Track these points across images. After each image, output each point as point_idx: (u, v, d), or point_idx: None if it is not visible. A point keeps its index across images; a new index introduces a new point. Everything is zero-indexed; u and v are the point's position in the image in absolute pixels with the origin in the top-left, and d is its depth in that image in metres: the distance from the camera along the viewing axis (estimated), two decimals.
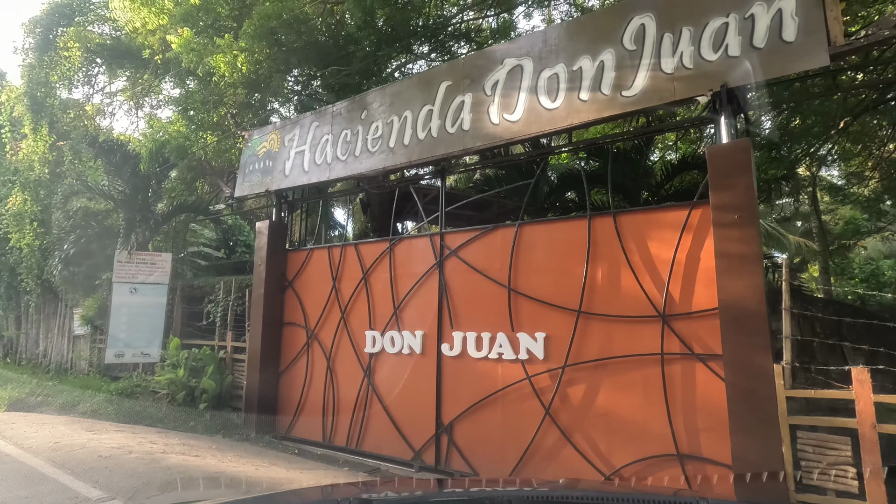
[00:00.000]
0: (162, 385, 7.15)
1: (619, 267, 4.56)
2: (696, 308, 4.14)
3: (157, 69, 7.93)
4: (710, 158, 3.98)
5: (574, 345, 4.66)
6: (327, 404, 6.35)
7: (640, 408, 4.27)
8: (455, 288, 5.56)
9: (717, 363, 3.95)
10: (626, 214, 4.65)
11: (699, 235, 4.20)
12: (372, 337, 6.05)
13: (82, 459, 4.22)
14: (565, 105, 4.72)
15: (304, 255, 7.06)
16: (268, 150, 7.55)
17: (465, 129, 5.37)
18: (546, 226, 5.15)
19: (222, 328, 7.97)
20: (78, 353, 10.57)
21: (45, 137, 8.17)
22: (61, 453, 4.40)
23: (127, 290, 8.49)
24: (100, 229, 9.75)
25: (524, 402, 4.89)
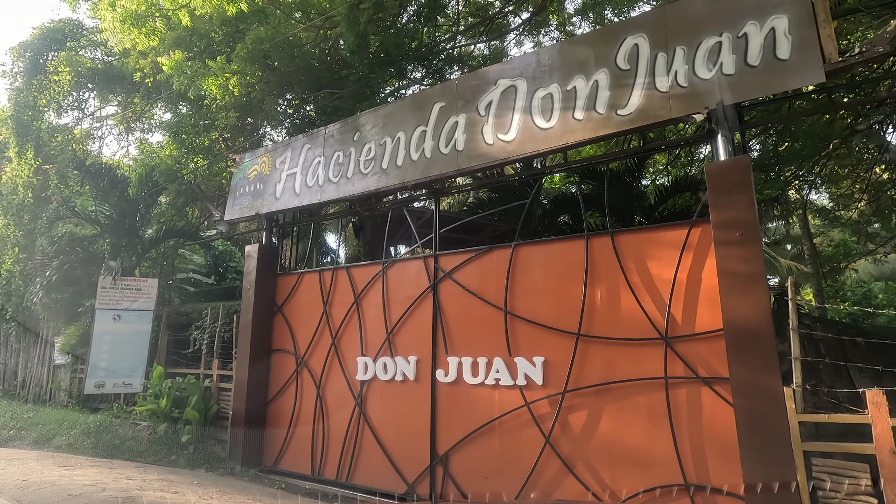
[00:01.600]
0: (143, 416, 6.82)
1: (619, 288, 4.45)
2: (699, 329, 4.02)
3: (149, 93, 7.87)
4: (710, 176, 3.92)
5: (574, 369, 4.49)
6: (317, 435, 6.06)
7: (644, 435, 4.09)
8: (450, 311, 5.40)
9: (724, 387, 3.80)
10: (624, 234, 4.56)
11: (700, 254, 4.11)
12: (364, 363, 5.84)
13: (51, 498, 3.91)
14: (560, 124, 4.68)
15: (294, 280, 6.88)
16: (259, 172, 7.45)
17: (459, 149, 5.31)
18: (543, 246, 5.04)
19: (208, 356, 7.68)
20: (58, 384, 10.15)
21: (31, 161, 8.01)
22: (29, 492, 4.09)
23: (110, 317, 8.20)
24: (85, 255, 9.51)
25: (523, 431, 4.68)
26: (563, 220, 10.10)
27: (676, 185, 8.50)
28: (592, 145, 6.34)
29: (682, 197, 9.65)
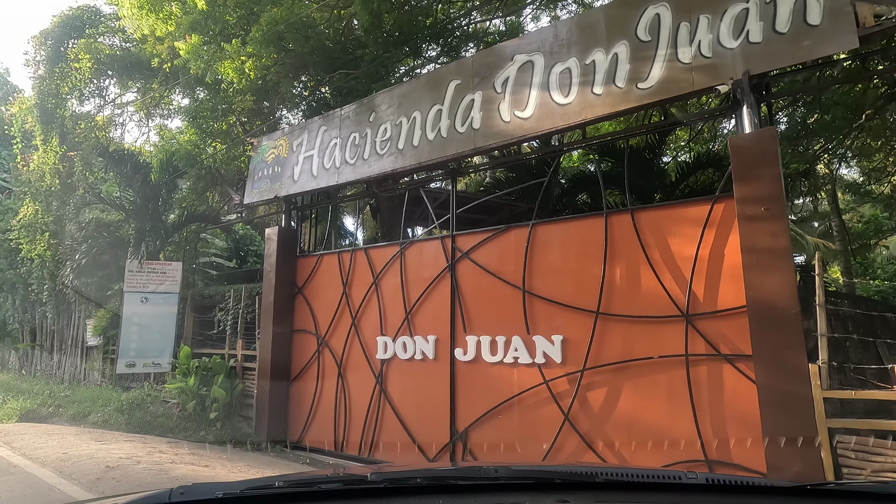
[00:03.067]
0: (172, 394, 7.07)
1: (639, 266, 4.39)
2: (721, 307, 3.96)
3: (167, 78, 7.94)
4: (734, 149, 3.81)
5: (593, 347, 4.49)
6: (339, 412, 6.21)
7: (665, 412, 4.08)
8: (468, 291, 5.41)
9: (747, 364, 3.75)
10: (644, 211, 4.49)
11: (723, 230, 4.03)
12: (383, 343, 5.92)
13: (90, 470, 4.12)
14: (578, 100, 4.58)
15: (313, 261, 6.97)
16: (276, 155, 7.51)
17: (476, 127, 5.25)
18: (561, 225, 5.00)
19: (232, 336, 7.89)
20: (91, 364, 10.56)
21: (56, 148, 8.21)
22: (69, 464, 4.31)
23: (138, 300, 8.46)
24: (112, 240, 9.76)
25: (542, 408, 4.72)
26: (581, 199, 9.96)
27: (698, 162, 8.28)
28: (611, 121, 6.22)
29: (704, 174, 9.41)
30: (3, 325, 14.76)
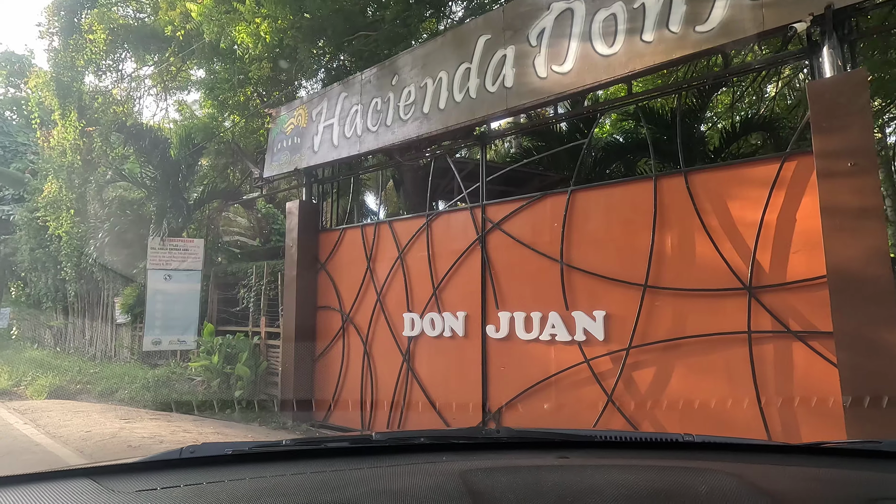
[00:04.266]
0: (197, 372, 7.00)
1: (693, 233, 3.96)
2: (791, 278, 3.51)
3: (181, 48, 7.66)
4: (814, 96, 3.30)
5: (640, 323, 4.10)
6: (365, 391, 6.00)
7: (723, 395, 3.69)
8: (499, 264, 5.06)
9: (822, 342, 3.32)
10: (700, 173, 4.03)
11: (794, 191, 3.55)
12: (410, 319, 5.64)
13: (111, 450, 4.00)
14: (625, 49, 4.09)
15: (336, 236, 6.69)
16: (295, 126, 7.19)
17: (508, 86, 4.81)
18: (603, 191, 4.56)
19: (255, 314, 7.75)
20: (120, 342, 10.67)
21: (75, 123, 8.08)
22: (91, 443, 4.21)
23: (161, 277, 8.38)
24: (134, 218, 9.71)
25: (582, 388, 4.38)
26: (614, 169, 9.44)
27: (746, 125, 7.65)
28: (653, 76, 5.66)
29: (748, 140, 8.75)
30: (38, 303, 15.14)
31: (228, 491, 1.00)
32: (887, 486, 0.99)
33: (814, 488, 1.01)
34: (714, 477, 1.03)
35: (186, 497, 0.97)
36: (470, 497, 0.89)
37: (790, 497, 0.92)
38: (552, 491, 0.97)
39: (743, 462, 1.21)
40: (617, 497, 0.94)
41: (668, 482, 1.05)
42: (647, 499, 0.95)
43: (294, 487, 1.02)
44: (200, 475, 1.09)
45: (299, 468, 1.15)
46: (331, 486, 1.02)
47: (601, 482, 1.05)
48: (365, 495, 0.93)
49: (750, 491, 0.94)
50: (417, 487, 0.97)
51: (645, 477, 1.10)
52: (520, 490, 0.97)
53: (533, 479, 1.08)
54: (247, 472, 1.13)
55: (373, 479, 1.06)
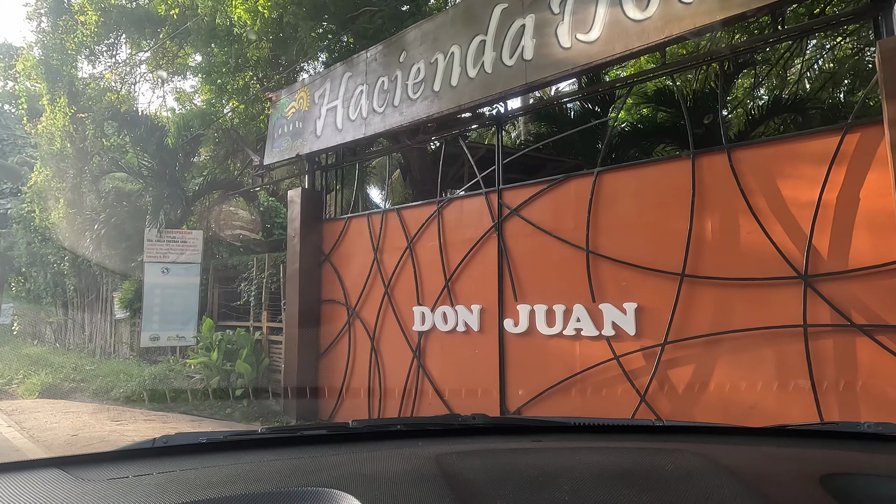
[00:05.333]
0: (195, 369, 6.67)
1: (738, 217, 3.56)
2: (854, 265, 3.12)
3: (176, 29, 7.27)
4: (886, 56, 2.89)
5: (676, 317, 3.72)
6: (373, 389, 5.66)
7: (774, 395, 3.32)
8: (518, 254, 4.68)
9: (893, 337, 2.93)
10: (745, 149, 3.64)
11: (858, 167, 3.15)
12: (421, 313, 5.27)
13: None
14: (661, 12, 3.68)
15: (341, 226, 6.33)
16: (297, 110, 6.81)
17: (528, 58, 4.40)
18: (634, 171, 4.17)
19: (257, 308, 7.41)
20: (119, 337, 10.37)
21: (65, 109, 7.72)
22: (77, 448, 3.88)
23: (159, 270, 8.05)
24: (132, 209, 9.36)
25: (611, 387, 4.01)
26: (631, 156, 9.03)
27: (776, 106, 7.21)
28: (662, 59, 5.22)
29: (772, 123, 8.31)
30: (38, 298, 14.88)
31: (202, 477, 1.00)
32: (838, 461, 1.06)
33: (772, 464, 1.05)
34: (680, 456, 1.07)
35: (159, 484, 0.96)
36: (444, 479, 0.90)
37: (748, 472, 0.95)
38: (525, 471, 0.98)
39: (709, 443, 1.27)
40: (587, 476, 0.97)
41: (637, 462, 1.09)
42: (615, 477, 0.96)
43: (269, 473, 1.01)
44: (174, 464, 1.08)
45: (275, 455, 1.15)
46: (306, 470, 1.02)
47: (573, 463, 1.08)
48: (340, 479, 0.92)
49: (712, 468, 0.98)
50: (393, 471, 0.98)
51: (615, 458, 1.13)
52: (493, 471, 0.99)
53: (506, 460, 1.09)
54: (221, 459, 1.12)
55: (349, 463, 1.06)
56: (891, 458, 1.09)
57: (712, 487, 0.87)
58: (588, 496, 0.85)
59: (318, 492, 0.84)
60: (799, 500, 0.83)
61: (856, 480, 0.90)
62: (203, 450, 1.17)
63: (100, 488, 0.93)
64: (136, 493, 0.91)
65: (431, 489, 0.86)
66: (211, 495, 0.86)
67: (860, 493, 0.85)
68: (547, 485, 0.89)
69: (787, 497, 0.84)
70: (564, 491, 0.86)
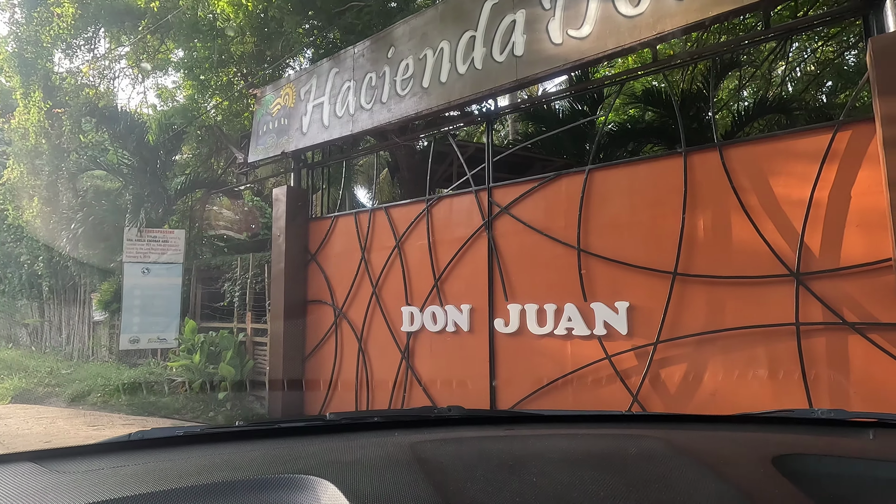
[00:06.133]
0: (177, 372, 6.48)
1: (730, 215, 3.55)
2: (846, 263, 3.12)
3: (157, 22, 7.06)
4: (879, 53, 2.88)
5: (669, 315, 3.69)
6: (360, 391, 5.55)
7: (767, 394, 3.30)
8: (508, 253, 4.62)
9: (885, 335, 2.94)
10: (737, 146, 3.62)
11: (849, 165, 3.15)
12: (409, 313, 5.18)
13: None
14: (652, 8, 3.65)
15: (327, 224, 6.20)
16: (282, 106, 6.67)
17: (518, 54, 4.34)
18: (625, 169, 4.13)
19: (241, 309, 7.24)
20: (97, 340, 10.07)
21: (40, 104, 7.45)
22: None
23: (139, 271, 7.82)
24: (111, 208, 9.09)
25: (603, 387, 3.97)
26: (619, 156, 9.05)
27: (762, 108, 7.26)
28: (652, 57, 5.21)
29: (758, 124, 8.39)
30: (12, 300, 14.42)
31: (178, 467, 1.00)
32: (790, 443, 1.13)
33: (729, 447, 1.11)
34: (645, 441, 1.13)
35: (136, 474, 0.96)
36: (418, 464, 0.92)
37: (707, 454, 1.00)
38: (496, 456, 1.02)
39: (674, 430, 1.32)
40: (555, 460, 1.00)
41: (603, 446, 1.14)
42: (582, 460, 1.00)
43: (246, 462, 1.02)
44: (151, 456, 1.08)
45: (253, 447, 1.15)
46: (283, 459, 1.03)
47: (542, 448, 1.12)
48: (317, 466, 0.93)
49: (674, 451, 1.02)
50: (368, 458, 1.00)
51: (583, 443, 1.18)
52: (466, 457, 1.02)
53: (479, 447, 1.12)
54: (198, 451, 1.13)
55: (326, 452, 1.08)
56: (837, 440, 1.18)
57: (672, 468, 0.92)
58: (555, 477, 0.89)
59: (295, 479, 0.85)
60: (751, 479, 0.87)
61: (804, 459, 0.96)
62: (180, 442, 1.18)
63: (74, 479, 0.93)
64: (111, 483, 0.90)
65: (405, 474, 0.88)
66: (187, 483, 0.85)
67: (807, 470, 0.91)
68: (517, 468, 0.92)
69: (741, 475, 0.88)
70: (533, 473, 0.90)
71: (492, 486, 0.83)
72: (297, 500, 0.80)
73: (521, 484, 0.84)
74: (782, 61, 9.26)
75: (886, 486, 0.89)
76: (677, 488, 0.81)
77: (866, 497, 0.88)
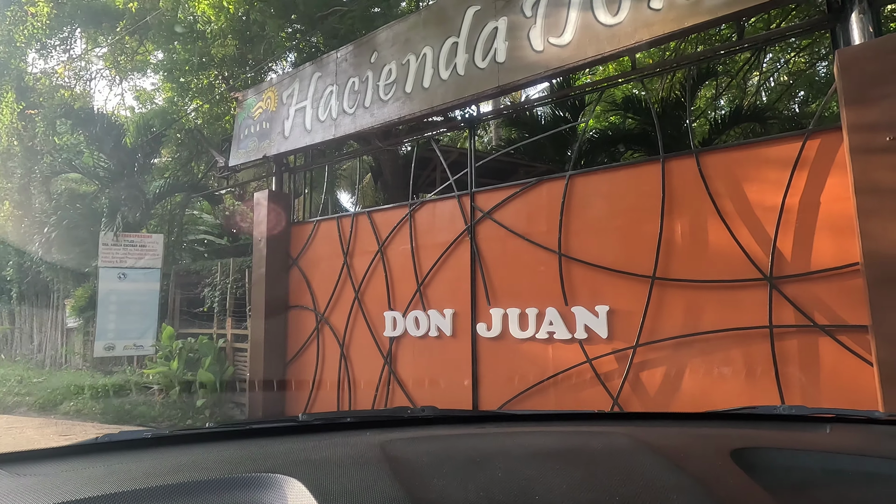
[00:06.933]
0: (154, 379, 6.34)
1: (706, 220, 3.63)
2: (816, 266, 3.21)
3: (135, 23, 6.95)
4: (845, 65, 2.99)
5: (648, 319, 3.75)
6: (342, 397, 5.50)
7: (742, 395, 3.37)
8: (491, 257, 4.64)
9: (853, 336, 3.03)
10: (713, 153, 3.71)
11: (818, 172, 3.25)
12: (392, 318, 5.17)
13: None
14: (631, 18, 3.73)
15: (309, 229, 6.16)
16: (264, 110, 6.61)
17: (500, 61, 4.39)
18: (606, 175, 4.20)
19: (221, 314, 7.12)
20: (71, 347, 9.80)
21: (12, 105, 7.26)
22: None
23: (115, 276, 7.64)
24: (86, 212, 8.88)
25: (584, 391, 4.01)
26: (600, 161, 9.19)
27: (737, 116, 7.46)
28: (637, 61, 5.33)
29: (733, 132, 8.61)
30: None
31: (146, 468, 0.98)
32: (750, 438, 1.15)
33: (690, 442, 1.13)
34: (610, 437, 1.16)
35: (100, 476, 0.93)
36: (386, 462, 0.93)
37: (668, 449, 1.02)
38: (464, 453, 1.03)
39: (640, 426, 1.34)
40: (521, 455, 1.02)
41: (570, 443, 1.16)
42: (548, 456, 1.02)
43: (215, 462, 1.01)
44: (118, 458, 1.06)
45: (223, 447, 1.14)
46: (253, 458, 1.03)
47: (510, 445, 1.14)
48: (286, 465, 0.93)
49: (638, 446, 1.04)
50: (338, 456, 1.00)
51: (549, 440, 1.20)
52: (434, 454, 1.03)
53: (448, 444, 1.13)
54: (167, 453, 1.11)
55: (296, 451, 1.07)
56: (796, 434, 1.22)
57: (634, 462, 0.95)
58: (521, 472, 0.91)
59: (263, 477, 0.85)
60: (709, 471, 0.90)
61: (761, 452, 0.99)
62: (148, 444, 1.16)
63: (36, 482, 0.91)
64: (74, 485, 0.88)
65: (373, 471, 0.89)
66: (153, 484, 0.84)
67: (763, 462, 0.95)
68: (484, 464, 0.94)
69: (699, 468, 0.90)
70: (499, 469, 0.91)
71: (457, 481, 0.84)
72: (265, 498, 0.80)
73: (487, 479, 0.86)
74: (756, 71, 9.55)
75: (837, 477, 0.92)
76: (637, 480, 0.84)
77: (818, 487, 0.91)
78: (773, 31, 4.47)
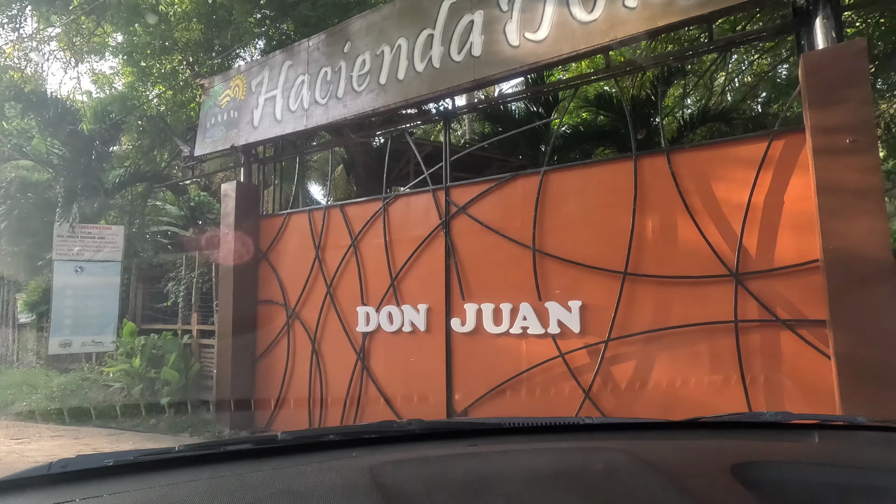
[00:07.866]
0: (115, 377, 6.07)
1: (676, 217, 3.71)
2: (779, 263, 3.33)
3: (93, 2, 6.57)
4: (809, 69, 3.09)
5: (619, 314, 3.81)
6: (314, 393, 5.41)
7: (708, 388, 3.47)
8: (465, 252, 4.63)
9: (813, 331, 3.15)
10: (683, 152, 3.78)
11: (783, 171, 3.36)
12: (365, 313, 5.10)
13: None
14: (606, 15, 3.75)
15: (279, 222, 6.00)
16: (232, 98, 6.39)
17: (476, 55, 4.36)
18: (579, 171, 4.23)
19: (186, 310, 6.88)
20: (23, 344, 9.30)
21: None
22: None
23: (71, 269, 7.27)
24: (39, 202, 8.41)
25: (557, 384, 4.05)
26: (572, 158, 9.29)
27: (704, 116, 7.66)
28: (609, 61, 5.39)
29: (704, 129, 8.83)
30: None
31: None
32: (746, 451, 1.14)
33: (688, 457, 1.13)
34: (608, 454, 1.14)
35: None
36: (378, 492, 0.87)
37: (669, 466, 1.01)
38: (459, 479, 1.00)
39: (633, 439, 1.33)
40: (521, 480, 0.99)
41: (568, 463, 1.13)
42: (549, 480, 0.99)
43: (186, 495, 0.92)
44: (73, 492, 0.94)
45: (194, 475, 1.05)
46: (228, 490, 0.94)
47: (506, 467, 1.10)
48: (267, 498, 0.86)
49: (637, 464, 1.03)
50: (324, 486, 0.93)
51: (547, 459, 1.17)
52: (428, 481, 0.99)
53: (441, 468, 1.10)
54: (131, 483, 1.00)
55: (276, 480, 1.00)
56: (787, 445, 1.23)
57: (637, 484, 0.93)
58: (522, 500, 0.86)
59: None
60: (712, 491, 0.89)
61: (758, 467, 0.98)
62: (109, 473, 1.03)
63: None
64: None
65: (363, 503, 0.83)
66: None
67: (761, 478, 0.94)
68: (481, 491, 0.90)
69: (702, 488, 0.89)
70: (499, 496, 0.87)
71: None
72: None
73: None
74: (723, 72, 9.81)
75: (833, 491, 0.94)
76: None
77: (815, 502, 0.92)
78: (740, 34, 4.59)
